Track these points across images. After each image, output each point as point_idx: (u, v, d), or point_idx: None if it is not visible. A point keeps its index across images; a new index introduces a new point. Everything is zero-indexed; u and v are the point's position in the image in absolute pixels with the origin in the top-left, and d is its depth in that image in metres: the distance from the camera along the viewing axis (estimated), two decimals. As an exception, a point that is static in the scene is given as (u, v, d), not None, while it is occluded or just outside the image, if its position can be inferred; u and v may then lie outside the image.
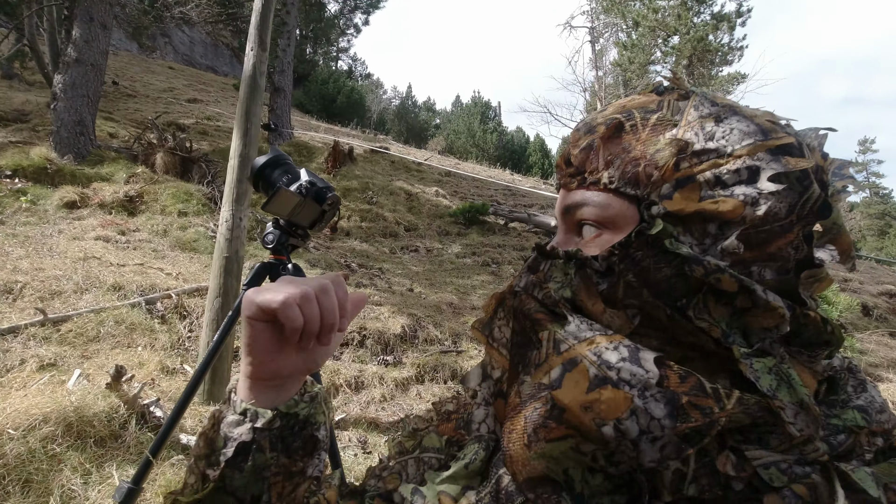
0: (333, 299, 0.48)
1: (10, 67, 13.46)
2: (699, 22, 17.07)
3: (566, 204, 0.49)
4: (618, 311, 0.43)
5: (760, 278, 0.41)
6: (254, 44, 3.42)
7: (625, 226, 0.45)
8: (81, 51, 7.36)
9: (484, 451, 0.52)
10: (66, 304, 3.53)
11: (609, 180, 0.46)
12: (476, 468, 0.51)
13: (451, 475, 0.51)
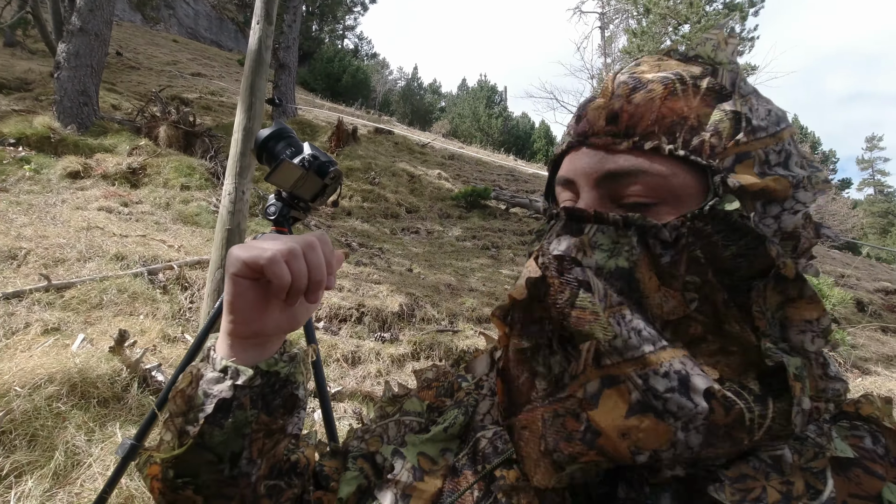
0: (321, 255, 0.47)
1: (12, 35, 13.35)
2: (711, 11, 16.83)
3: (610, 169, 0.43)
4: (672, 292, 0.40)
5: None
6: (260, 17, 3.40)
7: (687, 198, 0.42)
8: (85, 19, 7.31)
9: (463, 416, 0.54)
10: (70, 272, 3.58)
11: (675, 147, 0.42)
12: (455, 432, 0.53)
13: (431, 437, 0.53)
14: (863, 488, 0.38)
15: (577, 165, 0.45)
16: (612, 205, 0.44)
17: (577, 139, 0.46)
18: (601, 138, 0.43)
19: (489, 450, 0.49)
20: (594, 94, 0.47)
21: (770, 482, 0.37)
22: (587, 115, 0.45)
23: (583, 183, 0.45)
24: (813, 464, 0.38)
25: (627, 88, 0.43)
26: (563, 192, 0.48)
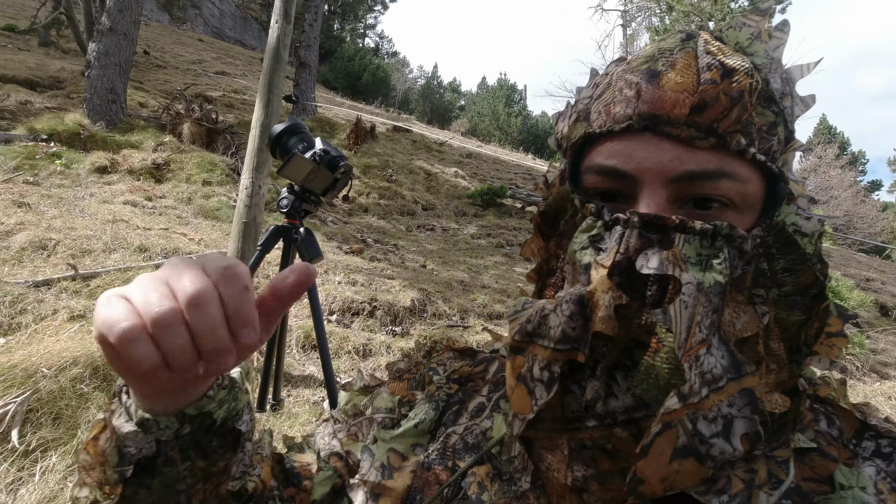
0: (212, 315, 0.32)
1: (46, 35, 13.82)
2: (736, 8, 16.50)
3: (691, 169, 0.38)
4: (745, 307, 0.37)
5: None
6: (279, 16, 3.49)
7: (753, 206, 0.40)
8: (115, 19, 7.54)
9: (434, 412, 0.52)
10: (96, 262, 3.72)
11: (760, 150, 0.39)
12: (426, 427, 0.52)
13: (401, 433, 0.51)
14: (816, 471, 0.39)
15: (642, 157, 0.39)
16: (674, 207, 0.39)
17: (642, 122, 0.38)
18: (681, 129, 0.37)
19: (459, 445, 0.49)
20: (651, 55, 0.40)
21: (735, 471, 0.37)
22: (662, 95, 0.38)
23: (649, 179, 0.39)
24: (777, 453, 0.38)
25: (717, 74, 0.38)
26: (601, 182, 0.42)
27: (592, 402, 0.38)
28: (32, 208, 4.46)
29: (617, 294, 0.36)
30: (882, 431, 0.42)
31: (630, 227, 0.37)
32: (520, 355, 0.40)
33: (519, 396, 0.40)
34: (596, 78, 0.47)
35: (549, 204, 0.47)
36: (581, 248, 0.40)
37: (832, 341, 0.41)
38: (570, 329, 0.37)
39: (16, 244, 3.69)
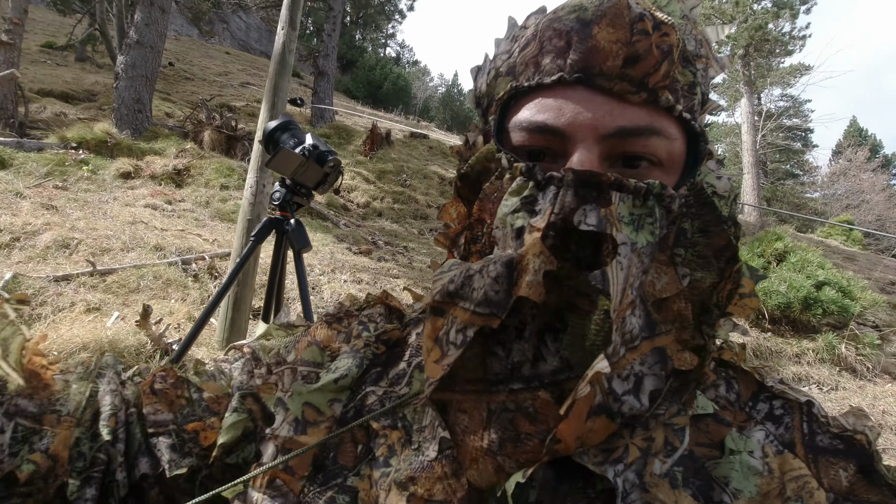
0: None
1: (83, 51, 14.51)
2: (759, 9, 16.23)
3: (624, 125, 0.37)
4: (665, 267, 0.37)
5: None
6: (284, 23, 3.65)
7: (677, 166, 0.40)
8: (142, 33, 7.91)
9: (357, 369, 0.49)
10: (114, 260, 3.92)
11: (685, 109, 0.38)
12: (346, 384, 0.48)
13: (320, 387, 0.48)
14: (710, 436, 0.39)
15: (574, 111, 0.37)
16: (605, 165, 0.38)
17: (574, 73, 0.37)
18: (615, 82, 0.36)
19: (377, 406, 0.46)
20: (579, 4, 0.38)
21: (634, 439, 0.37)
22: (594, 45, 0.36)
23: (582, 136, 0.37)
24: (675, 420, 0.38)
25: (649, 25, 0.37)
26: (530, 140, 0.40)
27: (519, 365, 0.37)
28: (59, 210, 4.72)
29: (548, 258, 0.34)
30: (776, 393, 0.42)
31: (565, 186, 0.35)
32: (440, 317, 0.38)
33: (433, 359, 0.38)
34: (515, 30, 0.45)
35: (472, 165, 0.44)
36: (512, 211, 0.37)
37: (745, 302, 0.42)
38: (494, 292, 0.35)
39: (41, 243, 3.92)
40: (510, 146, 0.41)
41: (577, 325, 0.36)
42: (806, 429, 0.40)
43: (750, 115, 16.38)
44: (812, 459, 0.38)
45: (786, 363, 3.99)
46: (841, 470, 0.38)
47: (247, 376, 0.53)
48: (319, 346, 0.53)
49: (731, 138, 24.40)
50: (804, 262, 4.33)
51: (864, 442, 0.39)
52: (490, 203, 0.41)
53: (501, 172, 0.40)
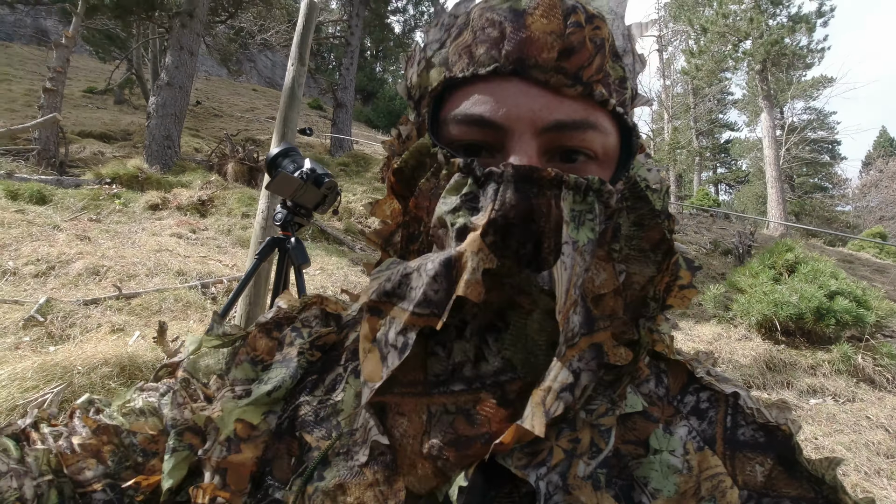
0: None
1: (121, 94, 15.48)
2: (774, 25, 16.19)
3: (561, 119, 0.37)
4: (604, 263, 0.37)
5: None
6: (294, 59, 3.91)
7: (612, 160, 0.40)
8: (172, 75, 8.46)
9: (290, 380, 0.47)
10: (139, 284, 4.17)
11: (618, 103, 0.38)
12: (280, 395, 0.46)
13: (253, 401, 0.45)
14: (636, 434, 0.39)
15: (511, 104, 0.36)
16: (544, 159, 0.38)
17: (509, 65, 0.36)
18: (550, 75, 0.36)
19: (310, 417, 0.44)
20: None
21: (559, 441, 0.36)
22: (529, 36, 0.36)
23: (519, 129, 0.37)
24: (602, 420, 0.37)
25: (581, 17, 0.36)
26: (466, 133, 0.39)
27: (460, 366, 0.37)
28: (92, 241, 5.04)
29: (487, 256, 0.34)
30: (704, 384, 0.42)
31: (505, 182, 0.35)
32: (377, 317, 0.38)
33: (371, 362, 0.37)
34: (443, 17, 0.44)
35: (405, 160, 0.42)
36: (452, 209, 0.36)
37: (684, 293, 0.42)
38: (433, 292, 0.34)
39: (74, 270, 4.21)
40: (445, 140, 0.40)
41: (518, 323, 0.36)
42: (729, 422, 0.40)
43: (771, 130, 16.17)
44: (729, 456, 0.38)
45: (800, 375, 3.91)
46: (758, 465, 0.38)
47: (178, 410, 0.48)
48: (251, 361, 0.50)
49: (756, 153, 24.03)
50: (816, 273, 4.27)
51: (787, 433, 0.39)
52: (427, 200, 0.40)
53: (438, 168, 0.39)
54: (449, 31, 0.42)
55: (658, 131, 24.23)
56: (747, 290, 4.42)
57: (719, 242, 8.27)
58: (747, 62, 16.98)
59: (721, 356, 4.10)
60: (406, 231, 0.44)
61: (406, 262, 0.38)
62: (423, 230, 0.42)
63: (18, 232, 4.75)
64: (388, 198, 0.46)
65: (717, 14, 17.19)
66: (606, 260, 0.37)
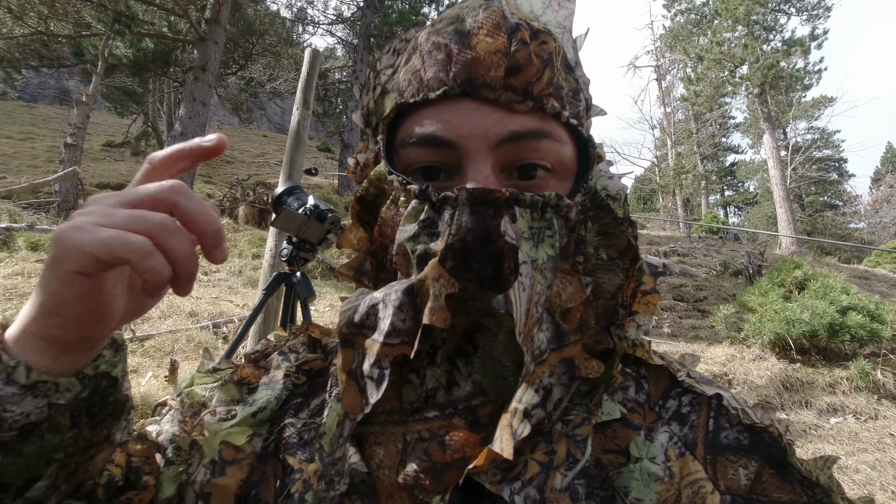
0: (204, 214, 0.32)
1: (137, 146, 16.10)
2: (769, 49, 16.52)
3: (514, 129, 0.37)
4: (570, 277, 0.37)
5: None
6: (299, 104, 4.09)
7: (569, 172, 0.40)
8: (185, 125, 8.83)
9: (276, 401, 0.47)
10: (152, 326, 4.25)
11: (572, 115, 0.39)
12: (265, 416, 0.46)
13: (238, 423, 0.45)
14: (616, 442, 0.39)
15: (463, 122, 0.37)
16: (501, 178, 0.38)
17: (458, 87, 0.37)
18: (500, 92, 0.36)
19: (294, 439, 0.44)
20: (456, 16, 0.39)
21: (535, 454, 0.36)
22: (475, 57, 0.36)
23: (474, 147, 0.37)
24: (578, 431, 0.37)
25: (526, 35, 0.37)
26: (422, 156, 0.39)
27: (433, 392, 0.37)
28: (107, 286, 5.18)
29: (449, 282, 0.34)
30: (686, 387, 0.42)
31: (460, 206, 0.35)
32: (349, 349, 0.38)
33: (350, 394, 0.37)
34: (394, 43, 0.44)
35: (366, 188, 0.42)
36: (412, 236, 0.36)
37: (648, 299, 0.43)
38: (400, 321, 0.35)
39: (90, 315, 4.32)
40: (403, 165, 0.40)
41: (486, 346, 0.36)
42: (711, 425, 0.40)
43: (775, 151, 16.25)
44: (710, 460, 0.38)
45: (819, 394, 3.82)
46: (741, 468, 0.37)
47: (178, 427, 0.48)
48: (236, 383, 0.49)
49: (762, 174, 24.05)
50: (826, 288, 4.23)
51: (776, 434, 0.38)
52: (389, 228, 0.40)
53: (396, 195, 0.39)
54: (400, 56, 0.43)
55: (662, 157, 24.43)
56: (758, 310, 4.37)
57: (729, 264, 8.21)
58: (745, 86, 17.25)
59: (736, 378, 4.03)
60: (374, 260, 0.44)
61: (372, 292, 0.38)
62: (389, 258, 0.41)
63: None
64: (353, 226, 0.45)
65: (711, 42, 17.60)
66: (571, 273, 0.37)
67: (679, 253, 9.94)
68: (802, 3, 16.86)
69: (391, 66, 0.43)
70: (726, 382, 4.26)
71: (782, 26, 16.79)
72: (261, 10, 13.58)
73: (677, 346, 4.72)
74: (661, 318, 5.96)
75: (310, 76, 4.23)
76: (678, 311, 6.37)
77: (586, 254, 0.39)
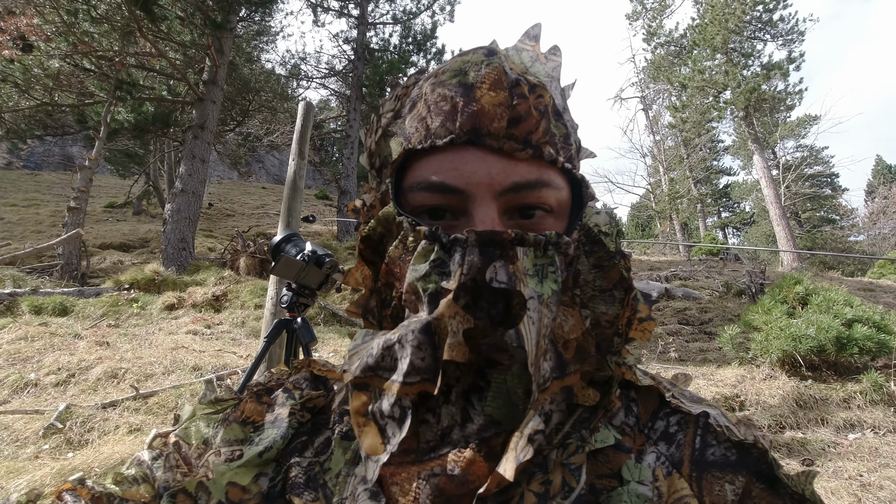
0: None
1: (139, 205, 16.38)
2: (749, 74, 17.03)
3: (517, 180, 0.40)
4: (570, 310, 0.39)
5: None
6: (294, 155, 4.22)
7: (565, 211, 0.43)
8: (185, 182, 9.03)
9: (282, 440, 0.47)
10: (156, 383, 4.22)
11: (565, 160, 0.42)
12: (272, 456, 0.47)
13: (244, 463, 0.46)
14: (609, 466, 0.40)
15: (470, 171, 0.39)
16: (504, 218, 0.41)
17: (464, 136, 0.39)
18: (503, 142, 0.39)
19: (300, 479, 0.44)
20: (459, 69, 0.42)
21: (531, 485, 0.37)
22: (480, 109, 0.39)
23: (480, 193, 0.39)
24: (573, 459, 0.38)
25: (525, 89, 0.40)
26: (430, 199, 0.41)
27: (449, 429, 0.37)
28: (111, 346, 5.17)
29: (464, 317, 0.35)
30: (674, 407, 0.44)
31: (469, 247, 0.37)
32: (364, 391, 0.39)
33: (370, 436, 0.38)
34: (396, 90, 0.47)
35: (373, 228, 0.44)
36: (423, 276, 0.38)
37: (644, 325, 0.44)
38: (419, 360, 0.36)
39: (93, 376, 4.29)
40: (410, 206, 0.42)
41: (498, 380, 0.37)
42: (698, 443, 0.41)
43: (766, 171, 16.48)
44: (696, 477, 0.39)
45: (834, 410, 3.74)
46: (727, 484, 0.38)
47: (170, 473, 0.48)
48: (240, 422, 0.50)
49: (756, 193, 24.28)
50: (829, 302, 4.22)
51: (762, 449, 0.39)
52: (397, 267, 0.41)
53: (405, 236, 0.41)
54: (402, 102, 0.45)
55: (656, 184, 24.74)
56: (763, 328, 4.33)
57: (731, 284, 8.19)
58: (730, 110, 17.68)
59: (748, 399, 3.96)
60: (379, 297, 0.45)
61: (380, 332, 0.40)
62: (396, 295, 0.42)
63: (41, 344, 4.91)
64: (358, 265, 0.47)
65: (693, 71, 18.16)
66: (571, 306, 0.39)
67: (680, 276, 9.92)
68: (776, 30, 17.49)
69: (392, 111, 0.45)
70: (738, 404, 4.20)
71: (759, 52, 17.36)
72: (256, 69, 14.13)
73: (686, 371, 4.65)
74: (667, 344, 5.90)
75: (304, 128, 4.37)
76: (684, 335, 6.31)
77: (583, 287, 0.41)
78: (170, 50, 10.14)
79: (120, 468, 0.51)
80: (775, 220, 15.77)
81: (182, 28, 9.66)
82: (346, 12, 14.30)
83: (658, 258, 15.42)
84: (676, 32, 21.44)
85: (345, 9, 14.33)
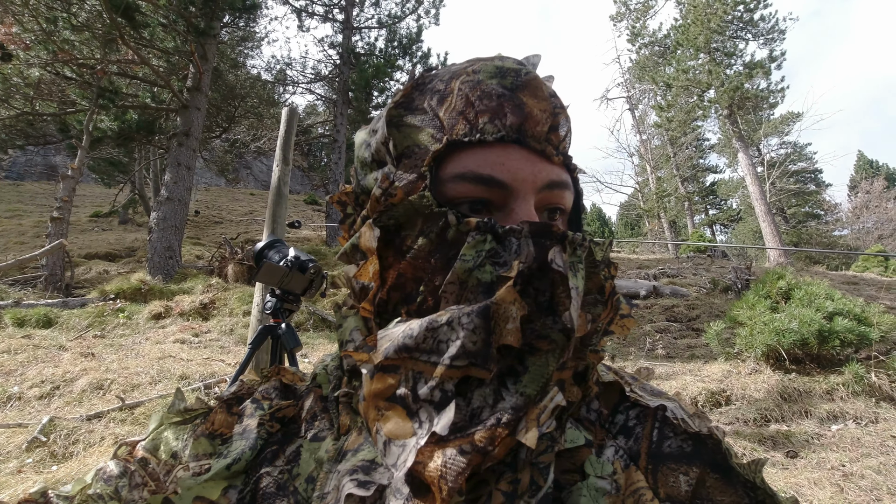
0: None
1: (125, 214, 16.21)
2: (732, 73, 17.26)
3: (553, 178, 0.43)
4: (582, 311, 0.40)
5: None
6: (279, 160, 4.21)
7: (570, 215, 0.47)
8: (171, 190, 8.95)
9: (251, 451, 0.47)
10: (142, 393, 4.18)
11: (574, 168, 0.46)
12: (240, 468, 0.46)
13: (212, 476, 0.45)
14: (572, 461, 0.41)
15: (516, 167, 0.41)
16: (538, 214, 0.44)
17: (513, 135, 0.41)
18: (543, 144, 0.42)
19: (271, 488, 0.44)
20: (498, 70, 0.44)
21: (500, 484, 0.37)
22: (528, 112, 0.42)
23: (523, 189, 0.42)
24: (541, 458, 0.38)
25: (559, 101, 0.45)
26: (472, 191, 0.42)
27: (479, 410, 0.37)
28: (96, 356, 5.11)
29: (522, 304, 0.36)
30: (633, 401, 0.45)
31: (524, 237, 0.38)
32: (391, 374, 0.38)
33: (395, 420, 0.38)
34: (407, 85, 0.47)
35: (396, 217, 0.43)
36: (477, 265, 0.38)
37: (624, 322, 0.47)
38: (471, 343, 0.36)
39: (78, 388, 4.24)
40: (446, 198, 0.42)
41: (536, 364, 0.37)
42: (655, 436, 0.42)
43: (751, 168, 16.69)
44: (651, 469, 0.40)
45: (817, 402, 3.80)
46: (681, 475, 0.40)
47: (136, 491, 0.46)
48: (208, 435, 0.49)
49: (742, 191, 24.58)
50: (811, 296, 4.28)
51: (717, 440, 0.41)
52: (430, 261, 0.41)
53: (443, 228, 0.40)
54: (414, 97, 0.46)
55: (644, 183, 24.94)
56: (748, 323, 4.39)
57: (718, 281, 8.28)
58: (714, 109, 17.89)
59: (734, 393, 4.01)
60: (401, 293, 0.43)
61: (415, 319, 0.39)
62: (425, 289, 0.41)
63: (24, 357, 4.84)
64: (373, 259, 0.44)
65: (677, 70, 18.37)
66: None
67: (668, 274, 10.01)
68: (757, 29, 17.75)
69: (402, 104, 0.46)
70: (724, 399, 4.24)
71: (741, 51, 17.61)
72: (241, 75, 14.06)
73: (673, 367, 4.70)
74: (655, 341, 5.95)
75: (288, 133, 4.37)
76: (672, 332, 6.37)
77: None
78: (153, 57, 10.06)
79: (85, 479, 0.48)
80: (761, 216, 15.97)
81: (165, 35, 9.60)
82: (331, 17, 14.28)
83: (647, 256, 15.54)
84: (660, 33, 21.70)
85: (329, 13, 14.31)
